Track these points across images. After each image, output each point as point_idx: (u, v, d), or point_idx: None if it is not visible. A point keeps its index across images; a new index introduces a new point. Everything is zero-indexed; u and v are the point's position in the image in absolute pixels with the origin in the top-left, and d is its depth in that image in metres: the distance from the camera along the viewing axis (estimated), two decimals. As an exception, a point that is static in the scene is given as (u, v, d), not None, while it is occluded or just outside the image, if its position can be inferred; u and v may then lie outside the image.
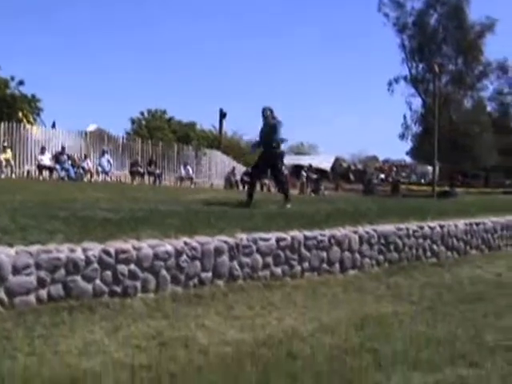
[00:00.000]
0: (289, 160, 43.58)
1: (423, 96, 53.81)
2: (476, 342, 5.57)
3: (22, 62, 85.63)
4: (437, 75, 43.61)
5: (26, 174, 24.66)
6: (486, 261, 10.68)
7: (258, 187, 15.94)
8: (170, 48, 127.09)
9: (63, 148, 25.70)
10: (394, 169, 69.34)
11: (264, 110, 11.84)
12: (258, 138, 12.26)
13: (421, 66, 54.05)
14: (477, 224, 11.55)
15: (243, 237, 7.31)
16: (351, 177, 58.41)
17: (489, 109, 60.07)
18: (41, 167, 24.02)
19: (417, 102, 55.74)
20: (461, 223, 11.12)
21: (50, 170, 24.28)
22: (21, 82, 30.44)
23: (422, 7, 52.91)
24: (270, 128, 11.67)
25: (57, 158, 24.78)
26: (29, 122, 29.01)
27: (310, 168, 39.03)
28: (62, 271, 5.73)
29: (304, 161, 52.99)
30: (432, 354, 5.08)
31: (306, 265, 7.95)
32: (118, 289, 6.09)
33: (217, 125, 42.74)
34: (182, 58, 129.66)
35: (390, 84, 54.20)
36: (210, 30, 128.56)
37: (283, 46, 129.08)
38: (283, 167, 12.81)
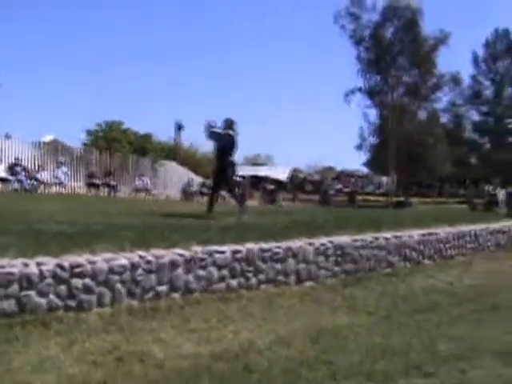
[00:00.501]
0: (245, 171, 43.70)
1: (379, 107, 54.35)
2: (430, 352, 5.66)
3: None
4: (392, 87, 44.27)
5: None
6: (439, 270, 10.86)
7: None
8: (128, 58, 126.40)
9: (17, 159, 25.33)
10: (353, 180, 69.92)
11: (226, 121, 12.02)
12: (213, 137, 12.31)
13: (377, 77, 54.68)
14: (430, 234, 11.73)
15: (198, 249, 7.26)
16: (308, 187, 58.81)
17: (443, 120, 61.26)
18: (-5, 179, 23.64)
19: (373, 114, 56.47)
20: (415, 233, 11.27)
21: (4, 181, 23.88)
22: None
23: (378, 20, 53.57)
24: (229, 139, 11.82)
25: (11, 169, 24.41)
26: (-20, 133, 28.41)
27: (266, 179, 39.14)
28: (16, 286, 5.61)
29: (261, 172, 53.31)
30: (387, 365, 5.13)
31: (261, 277, 7.92)
32: (73, 303, 5.99)
33: (173, 136, 42.60)
34: (140, 68, 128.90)
35: (346, 95, 54.60)
36: (166, 41, 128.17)
37: (239, 58, 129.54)
38: (240, 179, 12.95)
